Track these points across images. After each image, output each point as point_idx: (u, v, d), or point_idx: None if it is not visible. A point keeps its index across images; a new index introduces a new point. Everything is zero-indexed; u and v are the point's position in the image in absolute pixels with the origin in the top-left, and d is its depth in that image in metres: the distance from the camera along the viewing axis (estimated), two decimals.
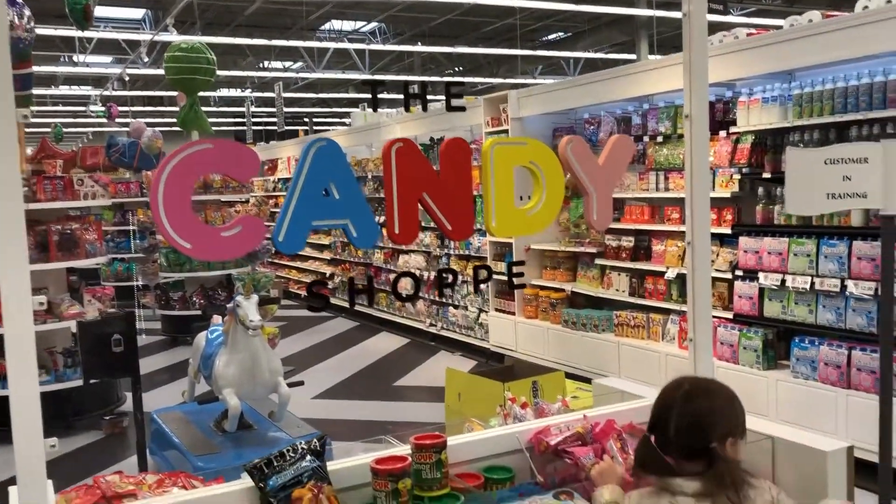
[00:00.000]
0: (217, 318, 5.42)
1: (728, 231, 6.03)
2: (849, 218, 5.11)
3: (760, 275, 5.60)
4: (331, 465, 2.30)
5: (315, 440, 2.27)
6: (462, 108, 2.43)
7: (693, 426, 1.98)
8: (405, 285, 4.39)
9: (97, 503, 2.13)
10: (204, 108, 7.86)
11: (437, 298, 9.89)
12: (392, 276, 3.80)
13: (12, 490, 2.10)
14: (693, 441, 1.96)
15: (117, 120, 15.81)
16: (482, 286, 8.99)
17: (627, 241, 7.20)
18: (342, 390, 7.96)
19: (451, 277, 2.43)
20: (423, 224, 10.23)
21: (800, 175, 1.96)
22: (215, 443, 4.83)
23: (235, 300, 4.64)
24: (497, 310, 8.69)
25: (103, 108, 15.73)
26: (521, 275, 2.60)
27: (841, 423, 4.98)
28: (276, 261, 15.20)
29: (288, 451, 2.23)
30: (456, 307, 9.55)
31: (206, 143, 2.02)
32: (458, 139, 2.37)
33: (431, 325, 9.99)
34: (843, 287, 5.00)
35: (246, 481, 2.22)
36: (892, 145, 1.74)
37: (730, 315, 5.93)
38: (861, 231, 5.02)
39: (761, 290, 5.65)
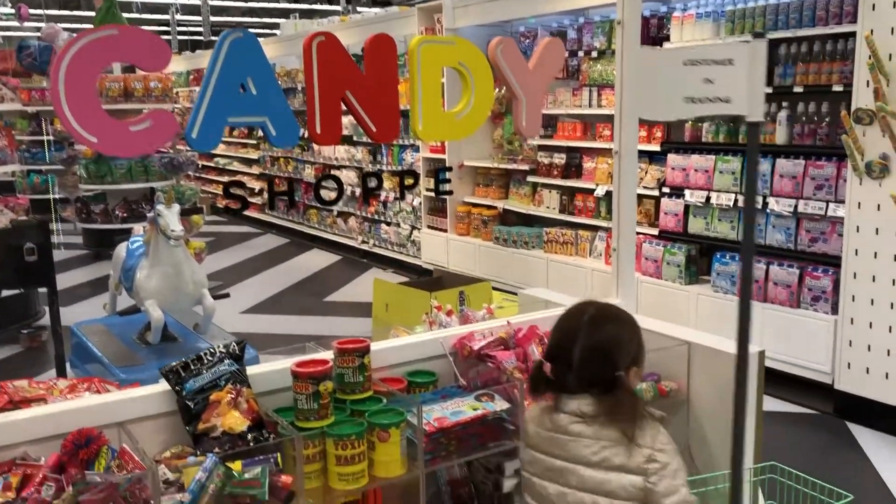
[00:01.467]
0: (138, 229, 5.24)
1: (657, 148, 6.08)
2: (773, 136, 5.20)
3: (686, 192, 5.69)
4: (251, 370, 2.27)
5: (234, 344, 2.23)
6: (388, 3, 2.32)
7: (600, 354, 1.93)
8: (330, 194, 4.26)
9: (3, 407, 2.05)
10: (125, 15, 7.43)
11: (369, 215, 9.80)
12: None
13: None
14: (599, 369, 1.91)
15: (28, 23, 14.84)
16: (415, 202, 8.93)
17: (559, 159, 7.21)
18: (271, 305, 7.89)
19: (375, 182, 2.37)
20: (355, 138, 10.03)
21: (655, 77, 1.86)
22: (139, 355, 4.74)
23: (156, 209, 4.48)
24: (429, 227, 8.67)
25: (13, 10, 14.75)
26: (447, 181, 2.56)
27: (756, 335, 5.18)
28: (203, 175, 14.78)
29: (205, 354, 2.18)
30: (388, 224, 9.49)
31: (110, 29, 1.89)
32: (383, 35, 2.27)
33: (363, 242, 9.94)
34: (765, 204, 5.13)
35: (162, 385, 2.17)
36: (760, 46, 1.67)
37: (655, 232, 6.04)
38: (784, 149, 5.13)
39: (686, 207, 5.76)
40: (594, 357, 1.90)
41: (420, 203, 8.78)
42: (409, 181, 2.38)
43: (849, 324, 4.58)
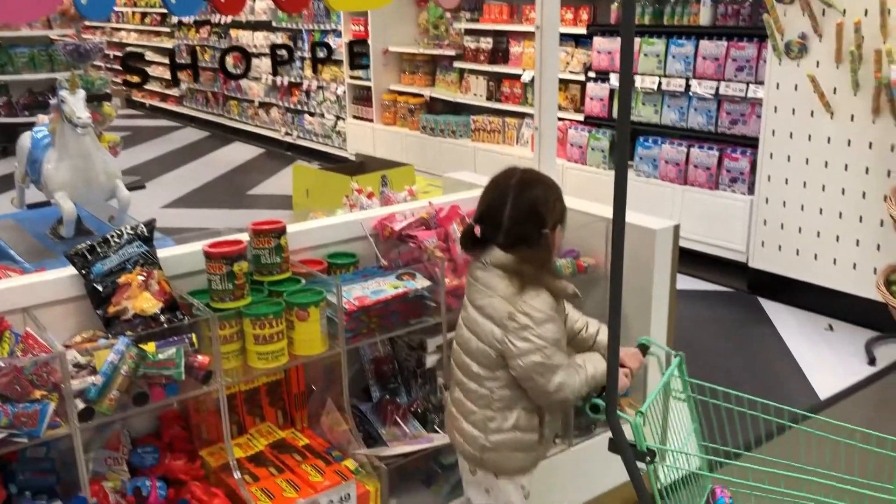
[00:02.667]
0: (42, 118, 4.96)
1: (583, 31, 5.99)
2: (697, 17, 5.17)
3: (612, 76, 5.66)
4: (162, 253, 2.20)
5: (141, 225, 2.14)
6: None
7: (529, 212, 1.94)
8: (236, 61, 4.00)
9: None
10: None
11: (291, 106, 9.50)
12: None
13: None
14: (528, 227, 1.92)
15: None
16: (338, 91, 8.67)
17: (486, 43, 7.05)
18: (192, 199, 7.67)
19: (286, 54, 2.25)
20: (273, 24, 9.55)
21: None
22: (52, 250, 4.57)
23: (60, 95, 4.23)
24: (354, 117, 8.47)
25: None
26: (364, 55, 2.45)
27: (676, 217, 5.31)
28: (115, 66, 14.01)
29: (112, 236, 2.10)
30: (312, 115, 9.23)
31: None
32: None
33: (287, 133, 9.67)
34: (688, 87, 5.15)
35: (69, 269, 2.09)
36: None
37: (581, 117, 6.03)
38: (707, 31, 5.11)
39: (612, 92, 5.74)
40: (522, 216, 1.91)
41: (344, 92, 8.54)
42: (321, 53, 2.26)
43: (764, 203, 4.72)
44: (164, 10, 9.82)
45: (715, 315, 4.69)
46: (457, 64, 7.36)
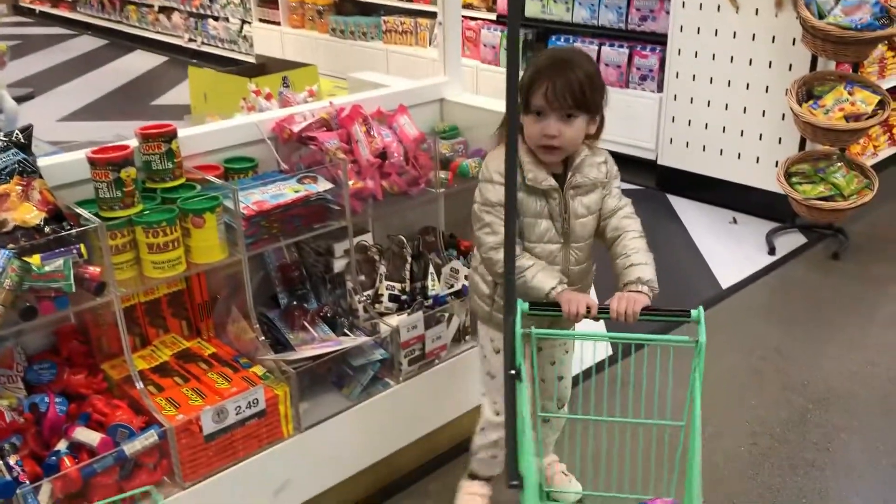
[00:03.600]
0: None
1: None
2: None
3: None
4: (44, 161, 2.07)
5: (17, 132, 2.01)
6: None
7: (593, 80, 1.93)
8: None
9: None
10: None
11: (194, 10, 9.02)
12: None
13: None
14: (594, 94, 1.93)
15: None
16: None
17: None
18: (92, 111, 7.29)
19: None
20: None
21: None
22: None
23: None
24: (261, 20, 8.11)
25: None
26: None
27: None
28: None
29: None
30: (216, 19, 8.79)
31: None
32: None
33: (191, 40, 9.21)
34: None
35: None
36: None
37: (494, 17, 5.91)
38: None
39: None
40: (590, 83, 1.92)
41: None
42: None
43: (672, 100, 4.77)
44: None
45: None
46: None
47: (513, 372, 1.80)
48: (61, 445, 1.91)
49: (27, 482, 1.79)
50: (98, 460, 1.86)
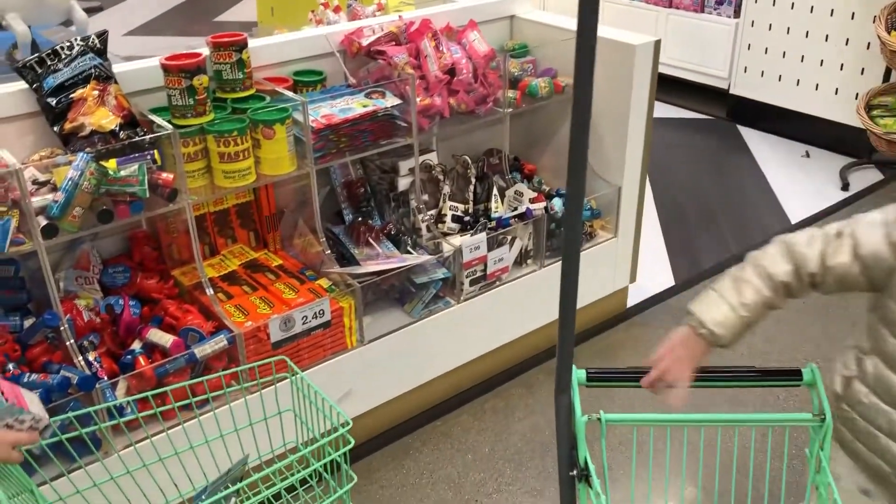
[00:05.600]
0: None
1: None
2: None
3: None
4: (119, 68, 2.08)
5: (93, 37, 2.02)
6: None
7: None
8: None
9: None
10: None
11: None
12: None
13: None
14: None
15: None
16: None
17: None
18: (157, 26, 7.31)
19: None
20: None
21: None
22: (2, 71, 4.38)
23: None
24: None
25: None
26: None
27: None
28: None
29: (62, 48, 1.98)
30: None
31: None
32: None
33: None
34: None
35: (20, 84, 1.98)
36: None
37: None
38: None
39: None
40: None
41: None
42: None
43: (749, 26, 4.56)
44: None
45: (692, 142, 4.66)
46: None
47: (573, 473, 1.32)
48: (136, 345, 1.98)
49: (105, 378, 1.87)
50: (171, 361, 1.92)
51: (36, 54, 1.98)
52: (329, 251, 2.31)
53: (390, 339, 2.33)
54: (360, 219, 2.50)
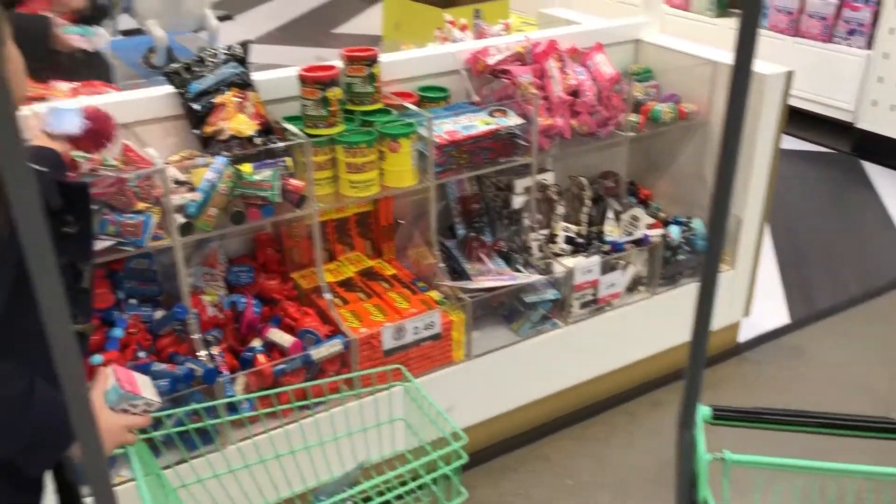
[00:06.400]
0: None
1: None
2: None
3: None
4: (257, 77, 2.17)
5: (236, 46, 2.12)
6: None
7: None
8: None
9: None
10: None
11: None
12: None
13: None
14: None
15: None
16: None
17: None
18: (278, 36, 7.60)
19: None
20: None
21: None
22: (145, 79, 4.64)
23: None
24: None
25: None
26: None
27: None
28: None
29: (207, 56, 2.08)
30: None
31: None
32: None
33: None
34: None
35: (166, 88, 2.10)
36: None
37: None
38: None
39: None
40: None
41: None
42: None
43: (881, 58, 4.38)
44: None
45: (813, 176, 4.49)
46: None
47: None
48: (256, 343, 2.06)
49: (226, 372, 1.95)
50: (288, 361, 1.99)
51: (184, 61, 2.09)
52: (442, 264, 2.34)
53: (496, 356, 2.33)
54: (472, 234, 2.52)
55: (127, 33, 5.18)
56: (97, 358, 1.84)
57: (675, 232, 2.57)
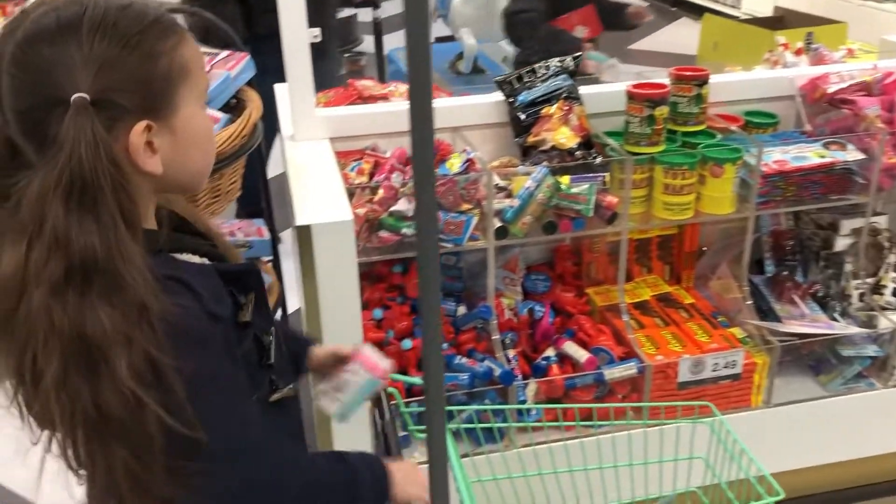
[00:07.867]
0: None
1: None
2: None
3: None
4: (583, 89, 2.19)
5: (569, 59, 2.15)
6: None
7: None
8: None
9: (353, 102, 2.20)
10: None
11: None
12: None
13: (279, 87, 2.20)
14: None
15: None
16: None
17: None
18: None
19: None
20: None
21: None
22: (450, 84, 4.89)
23: None
24: None
25: None
26: None
27: None
28: None
29: (539, 67, 2.13)
30: None
31: None
32: None
33: None
34: None
35: (495, 96, 2.18)
36: None
37: None
38: None
39: None
40: None
41: None
42: None
43: None
44: None
45: None
46: None
47: None
48: (550, 352, 2.07)
49: (520, 376, 1.98)
50: (581, 376, 1.98)
51: (516, 71, 2.15)
52: (749, 301, 2.20)
53: (798, 408, 2.14)
54: (785, 272, 2.34)
55: (440, 40, 5.50)
56: (407, 343, 1.96)
57: None
